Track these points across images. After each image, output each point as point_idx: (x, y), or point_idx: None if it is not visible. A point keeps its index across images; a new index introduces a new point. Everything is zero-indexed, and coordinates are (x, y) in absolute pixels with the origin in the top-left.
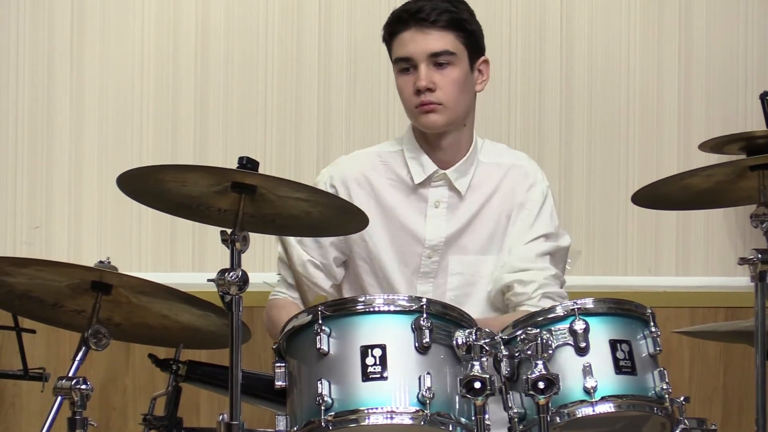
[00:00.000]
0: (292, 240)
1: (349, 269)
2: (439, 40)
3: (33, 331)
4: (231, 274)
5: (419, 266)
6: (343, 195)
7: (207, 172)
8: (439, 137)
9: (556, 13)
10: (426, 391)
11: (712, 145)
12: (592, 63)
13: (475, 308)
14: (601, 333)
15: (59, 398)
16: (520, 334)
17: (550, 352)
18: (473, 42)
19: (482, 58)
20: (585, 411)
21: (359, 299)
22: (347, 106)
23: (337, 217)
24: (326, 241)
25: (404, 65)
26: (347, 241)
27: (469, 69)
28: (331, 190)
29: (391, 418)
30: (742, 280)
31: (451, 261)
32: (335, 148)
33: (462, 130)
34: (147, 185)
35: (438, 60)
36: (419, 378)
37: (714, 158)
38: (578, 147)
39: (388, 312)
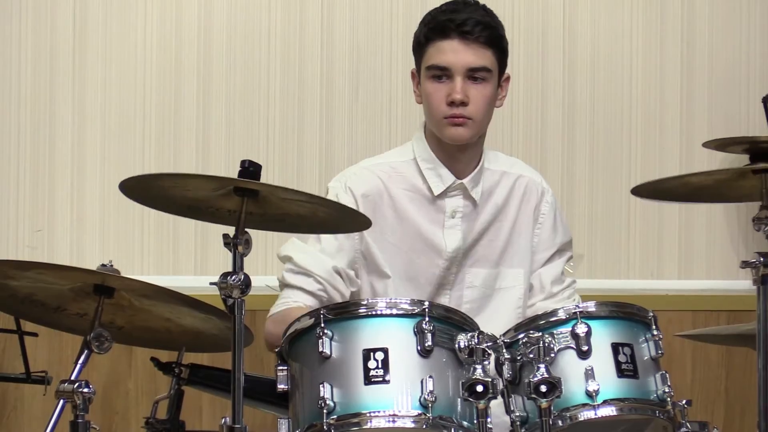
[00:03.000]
0: (310, 248)
1: (362, 279)
2: (479, 55)
3: (35, 335)
4: (233, 277)
5: (436, 278)
6: (364, 208)
7: (208, 179)
8: (460, 149)
9: (558, 14)
10: (428, 395)
11: (715, 146)
12: (595, 65)
13: (489, 320)
14: (603, 336)
15: (61, 402)
16: (523, 338)
17: (552, 355)
18: (504, 60)
19: (506, 75)
20: (587, 414)
21: (362, 302)
22: (350, 111)
23: (341, 218)
24: (346, 244)
25: (438, 73)
26: (363, 249)
27: (497, 85)
28: (349, 200)
29: (393, 421)
30: (744, 284)
31: (468, 273)
32: (338, 153)
33: (479, 142)
34: (149, 191)
35: (474, 75)
36: (421, 381)
37: (717, 161)
38: (581, 150)
39: (391, 315)
